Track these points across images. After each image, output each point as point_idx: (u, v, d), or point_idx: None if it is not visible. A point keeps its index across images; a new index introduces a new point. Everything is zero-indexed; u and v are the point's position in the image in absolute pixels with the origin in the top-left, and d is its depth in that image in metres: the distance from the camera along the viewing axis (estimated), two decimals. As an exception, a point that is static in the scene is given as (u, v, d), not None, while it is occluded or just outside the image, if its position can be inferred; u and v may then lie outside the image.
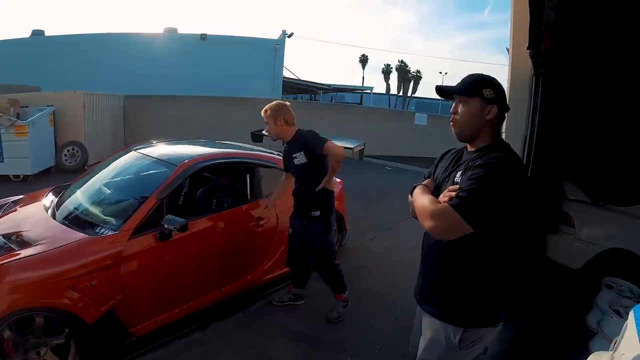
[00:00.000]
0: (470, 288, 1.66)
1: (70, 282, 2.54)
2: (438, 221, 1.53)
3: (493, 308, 1.70)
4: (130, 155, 3.86)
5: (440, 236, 1.61)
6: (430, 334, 1.77)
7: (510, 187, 1.50)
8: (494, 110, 1.63)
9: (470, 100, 1.65)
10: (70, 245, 2.68)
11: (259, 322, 3.46)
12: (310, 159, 3.19)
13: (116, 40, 17.12)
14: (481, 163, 1.54)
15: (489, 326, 1.70)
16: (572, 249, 4.49)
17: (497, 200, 1.48)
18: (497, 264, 1.65)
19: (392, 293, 4.11)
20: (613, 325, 3.14)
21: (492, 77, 1.73)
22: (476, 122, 1.66)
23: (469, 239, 1.53)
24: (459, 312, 1.68)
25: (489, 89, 1.62)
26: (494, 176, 1.49)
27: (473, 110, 1.65)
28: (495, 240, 1.60)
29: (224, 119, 13.10)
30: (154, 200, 3.04)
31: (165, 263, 3.06)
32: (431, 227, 1.55)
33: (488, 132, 1.67)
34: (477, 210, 1.47)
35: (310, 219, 3.30)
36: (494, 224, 1.52)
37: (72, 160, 9.09)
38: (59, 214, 3.17)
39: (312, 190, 3.16)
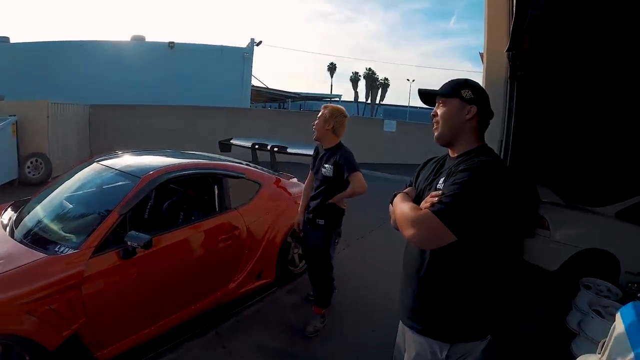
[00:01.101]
0: (456, 301, 1.58)
1: (28, 307, 2.35)
2: (419, 229, 1.45)
3: (480, 321, 1.62)
4: (92, 167, 3.67)
5: (421, 244, 1.55)
6: (415, 351, 1.68)
7: (495, 192, 1.44)
8: (473, 110, 1.60)
9: (449, 101, 1.63)
10: (27, 266, 2.48)
11: (232, 340, 3.30)
12: (336, 176, 3.23)
13: (83, 48, 16.72)
14: (465, 167, 1.49)
15: (477, 340, 1.62)
16: (547, 251, 4.53)
17: (482, 206, 1.42)
18: (483, 275, 1.58)
19: (367, 303, 4.03)
20: (594, 325, 3.12)
21: (475, 81, 1.71)
22: (455, 123, 1.62)
23: (453, 249, 1.46)
24: (444, 327, 1.59)
25: (467, 90, 1.61)
26: (478, 181, 1.43)
27: (451, 111, 1.62)
28: (481, 249, 1.53)
29: (192, 128, 12.95)
30: (116, 215, 2.86)
31: (130, 282, 2.88)
32: (412, 235, 1.48)
33: (469, 136, 1.63)
34: (460, 217, 1.40)
35: (314, 225, 3.34)
36: (478, 231, 1.45)
37: (35, 173, 8.74)
38: (17, 232, 2.95)
39: (325, 200, 3.26)
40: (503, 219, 1.49)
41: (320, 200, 3.29)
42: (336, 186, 3.24)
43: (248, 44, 19.59)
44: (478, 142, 1.63)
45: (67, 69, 15.83)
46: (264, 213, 4.04)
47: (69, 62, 16.05)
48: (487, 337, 1.65)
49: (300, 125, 14.46)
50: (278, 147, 5.95)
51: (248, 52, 19.32)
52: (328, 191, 3.26)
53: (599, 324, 3.07)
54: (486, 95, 1.66)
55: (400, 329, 1.87)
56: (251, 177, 4.15)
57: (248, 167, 4.39)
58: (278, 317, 3.70)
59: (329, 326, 3.53)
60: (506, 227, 1.54)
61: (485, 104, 1.64)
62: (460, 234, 1.40)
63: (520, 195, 1.44)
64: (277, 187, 4.46)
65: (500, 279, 1.63)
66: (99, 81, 15.67)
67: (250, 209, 3.91)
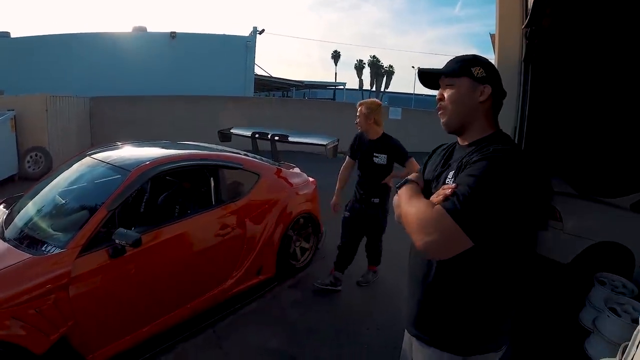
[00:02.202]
0: (468, 309, 1.37)
1: (12, 311, 2.23)
2: (430, 234, 1.21)
3: (496, 331, 1.42)
4: (84, 161, 3.53)
5: (434, 253, 1.30)
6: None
7: (516, 187, 1.20)
8: (487, 91, 1.37)
9: (458, 81, 1.39)
10: (11, 267, 2.36)
11: (230, 340, 3.17)
12: (389, 163, 3.65)
13: (84, 40, 16.58)
14: (480, 158, 1.25)
15: (492, 352, 1.43)
16: (560, 243, 4.40)
17: (502, 205, 1.19)
18: (498, 278, 1.35)
19: (370, 300, 3.92)
20: (610, 324, 2.98)
21: (483, 57, 1.46)
22: (467, 107, 1.39)
23: (466, 252, 1.22)
24: (455, 338, 1.40)
25: (478, 67, 1.38)
26: (497, 174, 1.20)
27: (462, 92, 1.39)
28: (497, 250, 1.30)
29: (194, 118, 12.83)
30: (105, 211, 2.71)
31: (121, 282, 2.74)
32: (423, 243, 1.23)
33: (483, 121, 1.40)
34: (478, 219, 1.17)
35: (369, 204, 3.73)
36: (496, 233, 1.23)
37: (35, 167, 8.67)
38: (7, 231, 2.82)
39: (377, 182, 3.69)
40: (523, 216, 1.26)
41: (373, 183, 3.70)
42: (386, 171, 3.68)
43: (251, 33, 19.39)
44: (492, 127, 1.41)
45: (69, 62, 15.73)
46: (263, 205, 3.92)
47: (71, 55, 15.94)
48: (502, 349, 1.45)
49: (304, 113, 14.38)
50: (279, 136, 5.81)
51: (251, 40, 19.13)
52: (380, 175, 3.68)
53: (615, 323, 2.93)
54: (498, 74, 1.43)
55: (407, 335, 1.69)
56: (249, 167, 4.00)
57: (246, 157, 4.24)
58: (278, 314, 3.59)
59: (332, 323, 3.44)
60: (525, 225, 1.31)
61: (498, 83, 1.41)
62: (477, 238, 1.18)
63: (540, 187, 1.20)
64: (278, 178, 4.32)
65: (516, 282, 1.41)
66: (100, 73, 15.57)
67: (249, 201, 3.78)
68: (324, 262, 4.61)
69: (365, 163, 3.73)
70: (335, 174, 4.05)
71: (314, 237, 4.60)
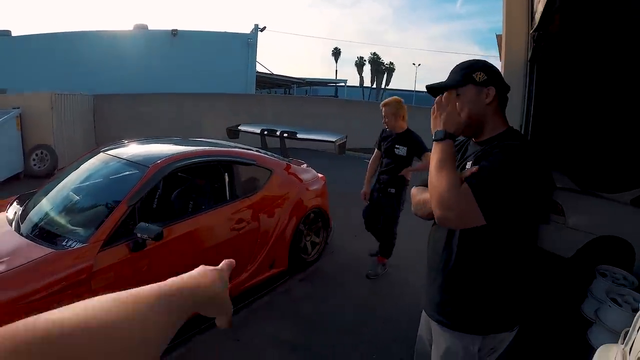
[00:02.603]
0: (485, 293, 1.50)
1: (35, 305, 2.16)
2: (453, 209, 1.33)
3: (511, 311, 1.56)
4: (98, 157, 3.56)
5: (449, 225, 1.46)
6: (445, 345, 1.61)
7: (529, 176, 1.34)
8: (492, 92, 1.48)
9: (464, 90, 1.50)
10: (33, 262, 2.38)
11: (245, 332, 3.24)
12: (409, 155, 3.89)
13: (85, 38, 16.46)
14: (499, 150, 1.39)
15: (508, 330, 1.57)
16: (562, 237, 4.47)
17: (516, 190, 1.33)
18: (511, 264, 1.50)
19: (381, 294, 3.99)
20: (612, 314, 3.09)
21: (480, 59, 1.59)
22: (477, 111, 1.50)
23: (482, 239, 1.42)
24: (475, 320, 1.53)
25: (479, 72, 1.49)
26: (514, 163, 1.34)
27: (470, 99, 1.49)
28: (510, 237, 1.45)
29: (197, 115, 12.83)
30: (125, 206, 2.78)
31: (141, 276, 2.79)
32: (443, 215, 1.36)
33: (494, 119, 1.52)
34: (493, 200, 1.31)
35: (386, 194, 3.98)
36: (508, 217, 1.37)
37: (41, 165, 8.64)
38: (23, 227, 2.84)
39: (395, 174, 3.91)
40: (533, 205, 1.40)
41: (392, 174, 3.93)
42: (405, 163, 3.90)
43: (252, 30, 19.26)
44: (504, 124, 1.53)
45: (71, 60, 15.62)
46: (276, 200, 3.99)
47: (72, 53, 15.82)
48: (516, 328, 1.59)
49: (306, 110, 14.37)
50: (288, 133, 5.87)
51: (252, 38, 19.01)
52: (399, 167, 3.91)
53: (616, 313, 3.03)
54: (498, 71, 1.54)
55: (424, 321, 1.81)
56: (262, 163, 4.07)
57: (258, 153, 4.31)
58: (291, 307, 3.66)
59: (343, 318, 3.50)
60: (534, 213, 1.47)
61: (500, 81, 1.52)
62: (490, 217, 1.31)
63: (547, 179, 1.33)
64: (289, 174, 4.39)
65: (526, 266, 1.55)
66: (102, 71, 15.47)
67: (262, 196, 3.85)
68: (332, 257, 4.71)
69: (387, 154, 4.00)
70: (338, 170, 4.14)
71: (324, 232, 4.67)
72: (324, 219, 4.64)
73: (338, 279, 4.23)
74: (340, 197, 6.02)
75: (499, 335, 1.56)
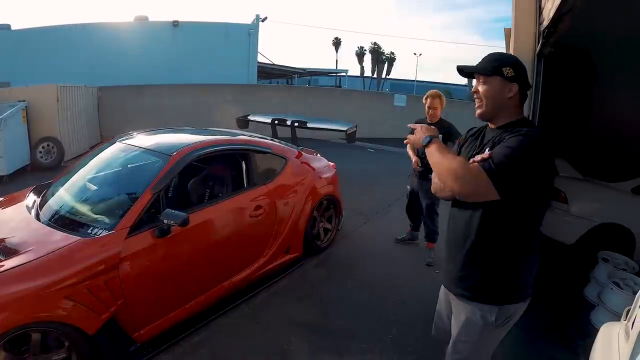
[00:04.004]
0: (502, 267, 1.67)
1: (66, 292, 2.29)
2: (465, 183, 1.55)
3: (524, 283, 1.73)
4: (115, 146, 3.60)
5: (464, 197, 1.65)
6: (464, 316, 1.78)
7: (541, 159, 1.52)
8: (515, 89, 1.64)
9: (490, 79, 1.66)
10: (62, 250, 2.42)
11: (265, 315, 3.34)
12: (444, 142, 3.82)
13: (86, 31, 16.37)
14: (514, 135, 1.55)
15: (521, 301, 1.73)
16: (565, 224, 4.56)
17: (530, 170, 1.50)
18: (525, 241, 1.67)
19: (393, 277, 4.09)
20: (614, 296, 3.22)
21: (512, 55, 1.77)
22: (497, 101, 1.66)
23: (501, 216, 1.59)
24: (492, 292, 1.70)
25: (508, 68, 1.63)
26: (528, 146, 1.50)
27: (494, 89, 1.66)
28: (525, 214, 1.62)
29: (200, 106, 12.88)
30: (150, 194, 2.81)
31: (165, 261, 2.86)
32: (457, 189, 1.59)
33: (511, 110, 1.68)
34: (507, 178, 1.49)
35: (426, 179, 4.08)
36: (521, 194, 1.54)
37: (47, 157, 8.69)
38: (44, 216, 2.87)
39: None
40: (540, 184, 1.56)
41: None
42: None
43: (253, 21, 19.19)
44: (519, 115, 1.69)
45: (71, 52, 15.59)
46: (291, 188, 4.07)
47: (73, 45, 15.80)
48: (529, 299, 1.76)
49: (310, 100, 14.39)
50: (298, 122, 5.93)
51: (253, 28, 18.92)
52: None
53: (618, 295, 3.17)
54: (525, 70, 1.69)
55: (443, 296, 1.99)
56: (277, 152, 4.15)
57: (273, 142, 4.38)
58: (308, 291, 3.75)
59: (359, 301, 3.61)
60: (541, 193, 1.61)
61: (525, 80, 1.68)
62: (504, 193, 1.50)
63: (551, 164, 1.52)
64: (302, 162, 4.46)
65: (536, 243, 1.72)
66: (103, 63, 15.44)
67: (278, 183, 3.93)
68: (344, 242, 4.83)
69: None
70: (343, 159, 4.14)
71: (336, 219, 4.76)
72: (335, 206, 4.72)
73: (351, 263, 4.32)
74: (349, 184, 6.10)
75: (513, 306, 1.72)
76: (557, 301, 3.72)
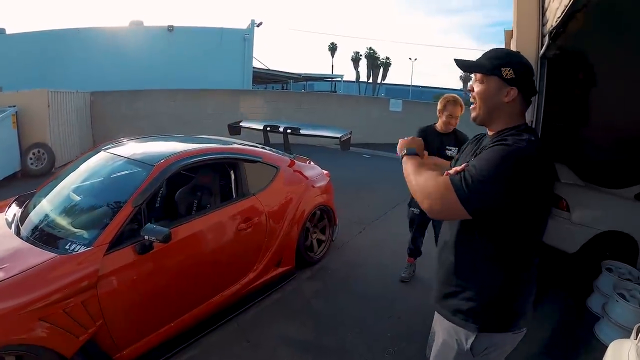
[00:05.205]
0: (484, 287, 1.48)
1: (40, 313, 2.18)
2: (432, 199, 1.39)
3: (511, 309, 1.50)
4: (99, 156, 3.45)
5: (433, 214, 1.45)
6: (442, 338, 1.62)
7: (525, 174, 1.30)
8: (513, 93, 1.44)
9: (488, 79, 1.47)
10: (36, 268, 2.29)
11: (255, 333, 3.19)
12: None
13: (80, 35, 16.27)
14: (492, 145, 1.38)
15: (508, 331, 1.51)
16: (567, 232, 4.43)
17: (507, 187, 1.30)
18: (514, 258, 1.45)
19: (388, 290, 3.95)
20: (619, 309, 3.13)
21: (518, 54, 1.53)
22: (493, 104, 1.48)
23: (479, 232, 1.43)
24: (471, 314, 1.50)
25: (508, 68, 1.43)
26: (507, 159, 1.30)
27: (489, 91, 1.48)
28: (509, 231, 1.41)
29: (194, 111, 12.75)
30: (130, 207, 2.67)
31: (148, 279, 2.71)
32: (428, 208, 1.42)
33: (508, 116, 1.48)
34: (477, 196, 1.31)
35: None
36: (498, 212, 1.35)
37: (38, 164, 8.59)
38: (23, 230, 2.74)
39: None
40: (523, 202, 1.34)
41: None
42: None
43: (248, 26, 19.16)
44: (519, 121, 1.49)
45: (66, 57, 15.50)
46: (283, 197, 3.94)
47: (67, 50, 15.70)
48: (519, 331, 1.53)
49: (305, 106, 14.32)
50: (291, 129, 5.78)
51: (249, 33, 18.92)
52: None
53: (623, 308, 3.08)
54: (530, 72, 1.48)
55: (435, 316, 1.78)
56: (268, 160, 3.99)
57: (264, 150, 4.24)
58: (301, 305, 3.62)
59: (354, 315, 3.48)
60: (527, 211, 1.38)
61: (527, 84, 1.47)
62: (474, 213, 1.33)
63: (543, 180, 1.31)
64: (294, 171, 4.32)
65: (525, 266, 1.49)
66: (98, 68, 15.36)
67: (269, 193, 3.79)
68: (339, 253, 4.69)
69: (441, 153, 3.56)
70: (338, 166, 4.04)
71: (330, 229, 4.61)
72: (329, 216, 4.58)
73: (346, 275, 4.19)
74: (344, 191, 5.98)
75: (498, 336, 1.52)
76: (559, 312, 3.60)
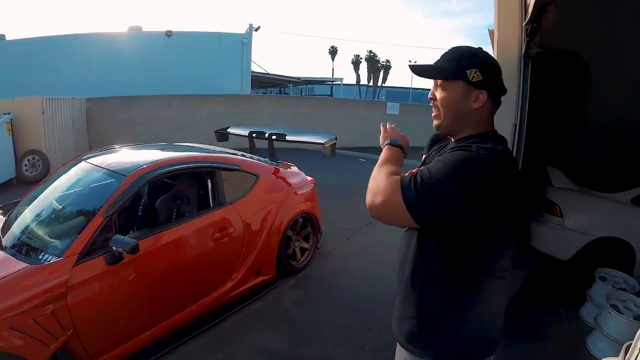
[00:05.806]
0: (441, 308, 1.30)
1: (11, 322, 2.21)
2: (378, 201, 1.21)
3: (475, 335, 1.31)
4: (79, 166, 3.47)
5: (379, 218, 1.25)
6: None
7: (484, 181, 1.15)
8: (483, 97, 1.26)
9: (451, 84, 1.28)
10: (8, 278, 2.34)
11: (233, 343, 3.14)
12: None
13: (79, 41, 16.41)
14: (453, 150, 1.22)
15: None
16: (560, 239, 4.34)
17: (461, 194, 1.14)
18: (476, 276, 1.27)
19: (373, 299, 3.84)
20: (612, 321, 3.03)
21: (481, 51, 1.32)
22: (458, 112, 1.29)
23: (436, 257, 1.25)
24: (426, 339, 1.34)
25: (475, 70, 1.24)
26: (464, 165, 1.15)
27: (454, 98, 1.28)
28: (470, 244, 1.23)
29: (190, 117, 12.73)
30: (101, 218, 2.68)
31: (119, 288, 2.71)
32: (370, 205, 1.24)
33: (476, 123, 1.30)
34: (425, 202, 1.15)
35: None
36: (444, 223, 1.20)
37: (33, 170, 8.63)
38: (5, 239, 2.80)
39: None
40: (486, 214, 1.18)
41: None
42: None
43: (246, 30, 19.23)
44: (486, 127, 1.31)
45: (65, 63, 15.58)
46: (262, 206, 3.90)
47: (66, 56, 15.80)
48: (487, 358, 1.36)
49: (303, 110, 14.29)
50: (276, 135, 5.74)
51: (247, 37, 18.97)
52: None
53: (617, 321, 2.98)
54: (497, 71, 1.30)
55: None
56: (247, 168, 3.97)
57: (244, 158, 4.20)
58: (280, 315, 3.56)
59: (337, 325, 3.41)
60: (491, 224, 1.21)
61: (496, 85, 1.29)
62: (420, 221, 1.18)
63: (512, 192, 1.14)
64: (276, 178, 4.28)
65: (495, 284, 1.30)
66: (97, 74, 15.41)
67: (247, 202, 3.75)
68: (324, 261, 4.61)
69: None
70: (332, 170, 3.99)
71: (314, 237, 4.56)
72: (313, 224, 4.53)
73: (330, 284, 4.12)
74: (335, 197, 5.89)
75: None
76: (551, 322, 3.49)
